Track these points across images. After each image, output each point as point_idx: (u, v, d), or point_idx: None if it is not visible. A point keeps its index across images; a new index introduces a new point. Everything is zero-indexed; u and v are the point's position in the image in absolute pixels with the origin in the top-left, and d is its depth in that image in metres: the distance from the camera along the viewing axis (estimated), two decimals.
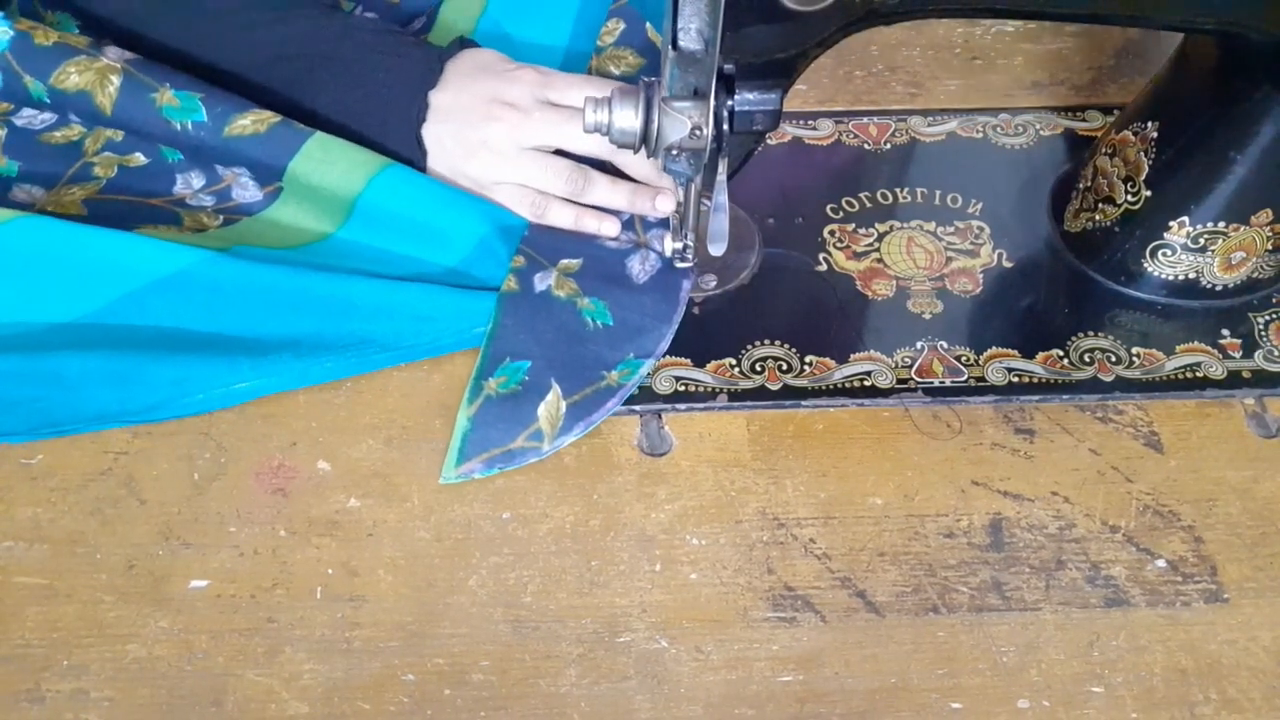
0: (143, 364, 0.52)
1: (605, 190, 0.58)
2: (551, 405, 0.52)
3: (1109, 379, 0.55)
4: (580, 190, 0.58)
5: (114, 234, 0.54)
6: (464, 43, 0.60)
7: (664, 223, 0.59)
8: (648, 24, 0.67)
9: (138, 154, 0.60)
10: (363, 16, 0.62)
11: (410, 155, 0.57)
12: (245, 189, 0.59)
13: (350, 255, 0.57)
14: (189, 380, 0.52)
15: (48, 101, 0.58)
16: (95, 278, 0.54)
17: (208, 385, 0.52)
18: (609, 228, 0.58)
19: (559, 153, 0.58)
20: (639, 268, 0.57)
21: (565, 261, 0.57)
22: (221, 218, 0.58)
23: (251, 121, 0.57)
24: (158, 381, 0.52)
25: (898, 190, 0.63)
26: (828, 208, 0.62)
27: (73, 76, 0.57)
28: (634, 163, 0.58)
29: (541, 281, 0.56)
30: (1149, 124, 0.55)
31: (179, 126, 0.57)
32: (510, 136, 0.56)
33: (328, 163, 0.56)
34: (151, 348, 0.52)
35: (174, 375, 0.52)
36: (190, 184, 0.59)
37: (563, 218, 0.58)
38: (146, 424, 0.52)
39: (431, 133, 0.57)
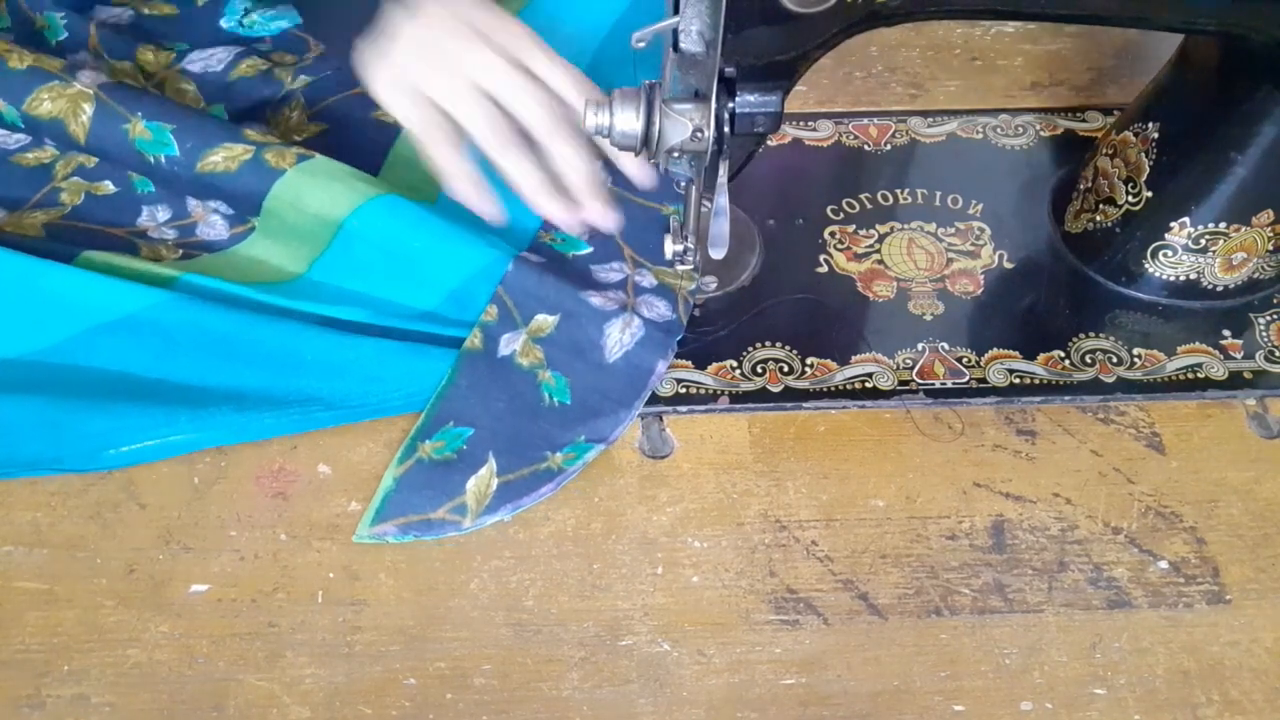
0: (77, 412, 0.50)
1: (520, 166, 0.52)
2: (483, 480, 0.50)
3: (1110, 380, 0.55)
4: (495, 146, 0.52)
5: (68, 271, 0.53)
6: None
7: (656, 290, 0.57)
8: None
9: (107, 182, 0.60)
10: None
11: (360, 15, 0.52)
12: (212, 227, 0.58)
13: (319, 296, 0.55)
14: (123, 430, 0.50)
15: (21, 126, 0.58)
16: (44, 316, 0.53)
17: (143, 436, 0.50)
18: (491, 210, 0.53)
19: None
20: (617, 335, 0.54)
21: (539, 319, 0.54)
22: (180, 251, 0.57)
23: (223, 159, 0.56)
24: (90, 430, 0.50)
25: (898, 191, 0.63)
26: (828, 209, 0.62)
27: (45, 103, 0.57)
28: (562, 148, 0.52)
29: (507, 345, 0.54)
30: (1149, 125, 0.55)
31: (152, 160, 0.57)
32: (465, 63, 0.51)
33: (298, 206, 0.55)
34: (90, 394, 0.51)
35: (108, 425, 0.50)
36: (155, 216, 0.59)
37: (451, 165, 0.53)
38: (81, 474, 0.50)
39: (391, 12, 0.52)
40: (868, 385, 0.54)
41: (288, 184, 0.56)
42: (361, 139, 0.62)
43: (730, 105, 0.45)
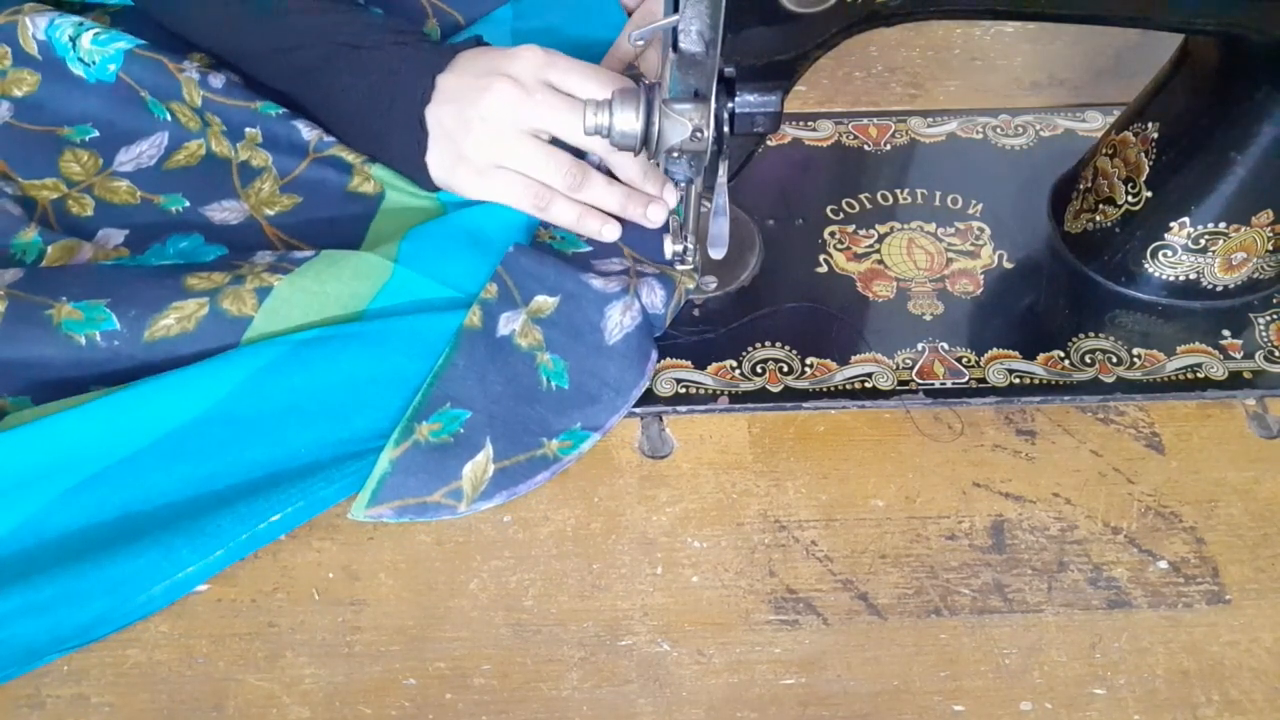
0: (68, 581, 0.45)
1: (601, 189, 0.57)
2: (479, 466, 0.49)
3: (1110, 380, 0.55)
4: (577, 186, 0.56)
5: (32, 441, 0.48)
6: (479, 40, 0.60)
7: (659, 277, 0.56)
8: None
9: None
10: (390, 16, 0.61)
11: (412, 139, 0.57)
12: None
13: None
14: (125, 584, 0.46)
15: None
16: (13, 492, 0.47)
17: (147, 583, 0.46)
18: (610, 232, 0.57)
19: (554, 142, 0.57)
20: (618, 318, 0.53)
21: (539, 300, 0.54)
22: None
23: (175, 320, 0.50)
24: (89, 595, 0.45)
25: (898, 191, 0.63)
26: (828, 209, 0.62)
27: None
28: (626, 164, 0.57)
29: (507, 324, 0.53)
30: (1149, 124, 0.55)
31: (83, 340, 0.50)
32: (508, 113, 0.55)
33: (288, 317, 0.52)
34: (74, 559, 0.46)
35: (106, 583, 0.45)
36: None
37: (565, 215, 0.57)
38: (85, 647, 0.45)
39: (434, 114, 0.56)
40: (867, 385, 0.54)
41: (257, 332, 0.51)
42: (339, 214, 0.59)
43: (730, 105, 0.45)
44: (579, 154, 0.58)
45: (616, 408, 0.52)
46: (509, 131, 0.55)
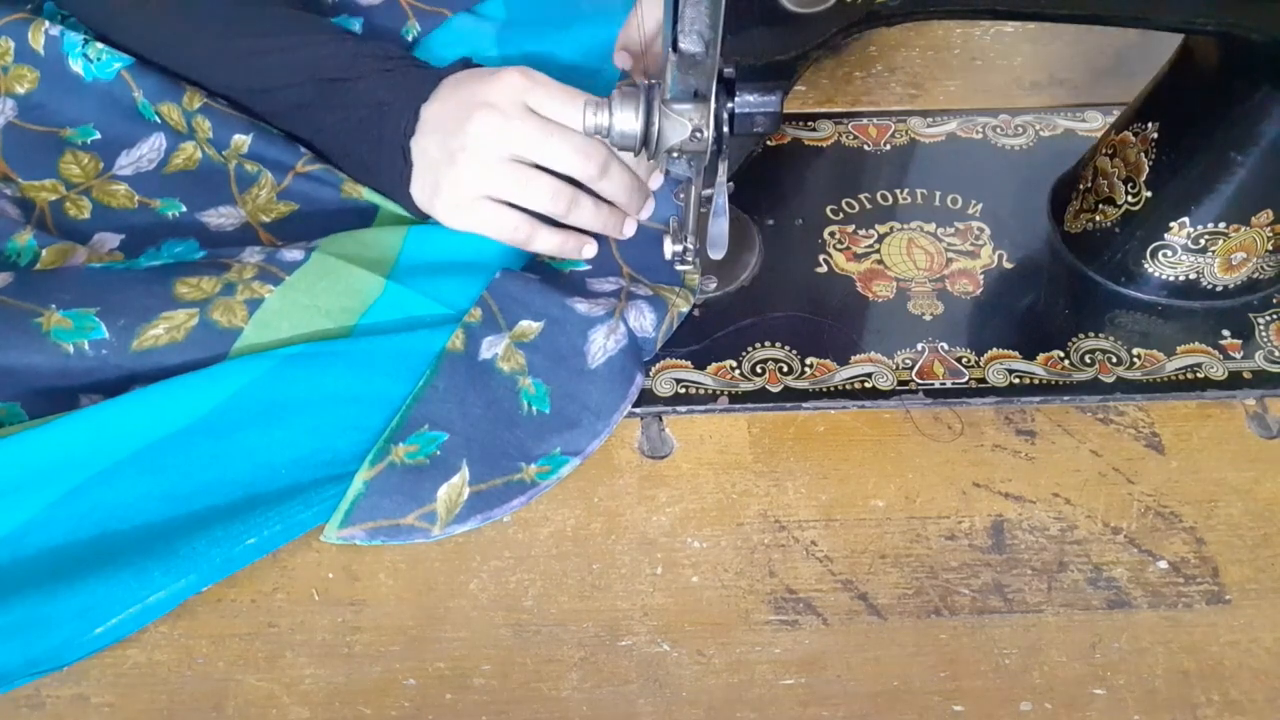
0: (39, 603, 0.45)
1: (589, 212, 0.56)
2: (454, 489, 0.49)
3: (1110, 380, 0.55)
4: (565, 211, 0.55)
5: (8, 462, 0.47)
6: (466, 62, 0.58)
7: (650, 299, 0.56)
8: None
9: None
10: (370, 40, 0.60)
11: (396, 171, 0.56)
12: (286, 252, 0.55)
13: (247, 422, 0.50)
14: (96, 607, 0.45)
15: None
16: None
17: (118, 607, 0.45)
18: (589, 250, 0.57)
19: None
20: (601, 342, 0.53)
21: (523, 324, 0.53)
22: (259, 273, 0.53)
23: (165, 330, 0.50)
24: (60, 617, 0.44)
25: (898, 191, 0.63)
26: (828, 209, 0.62)
27: None
28: (607, 186, 0.56)
29: (489, 348, 0.53)
30: (1149, 124, 0.55)
31: (71, 348, 0.49)
32: (490, 141, 0.53)
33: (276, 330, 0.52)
34: (48, 579, 0.45)
35: (77, 606, 0.45)
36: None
37: (547, 244, 0.56)
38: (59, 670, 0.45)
39: (418, 145, 0.55)
40: (867, 385, 0.54)
41: (247, 343, 0.51)
42: (336, 222, 0.58)
43: (730, 105, 0.45)
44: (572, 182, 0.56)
45: (596, 432, 0.52)
46: (493, 160, 0.54)
